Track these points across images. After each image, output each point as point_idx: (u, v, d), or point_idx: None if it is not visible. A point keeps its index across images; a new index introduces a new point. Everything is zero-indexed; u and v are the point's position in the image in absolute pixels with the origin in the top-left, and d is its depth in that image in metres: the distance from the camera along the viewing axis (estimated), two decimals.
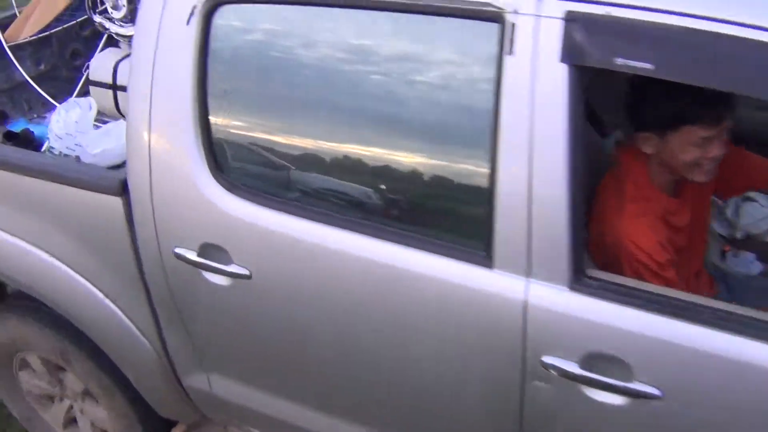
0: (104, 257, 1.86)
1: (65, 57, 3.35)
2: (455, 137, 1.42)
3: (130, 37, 2.84)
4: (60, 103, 3.10)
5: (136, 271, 1.81)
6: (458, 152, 1.43)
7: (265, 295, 1.65)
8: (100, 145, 2.18)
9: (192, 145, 1.61)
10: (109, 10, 2.80)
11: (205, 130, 1.61)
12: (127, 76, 2.83)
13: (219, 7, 1.55)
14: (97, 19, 2.86)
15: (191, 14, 1.56)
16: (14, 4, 3.07)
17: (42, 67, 3.21)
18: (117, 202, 1.75)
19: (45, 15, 2.81)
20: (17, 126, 2.80)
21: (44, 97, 3.04)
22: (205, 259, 1.66)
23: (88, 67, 3.05)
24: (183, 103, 1.59)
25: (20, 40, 2.91)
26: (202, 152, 1.61)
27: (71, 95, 3.11)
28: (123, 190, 1.74)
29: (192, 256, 1.67)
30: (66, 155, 2.26)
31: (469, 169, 1.42)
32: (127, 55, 2.90)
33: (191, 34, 1.56)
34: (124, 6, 2.76)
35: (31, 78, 3.18)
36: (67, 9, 2.93)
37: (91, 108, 2.37)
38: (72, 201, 1.82)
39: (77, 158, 2.25)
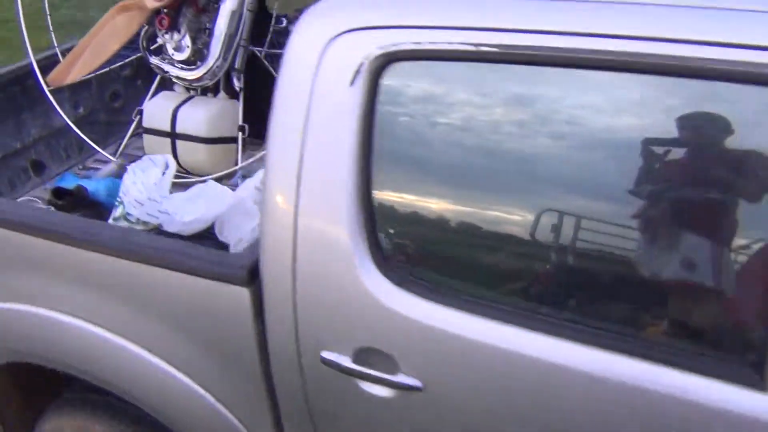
0: (219, 356, 1.55)
1: (104, 99, 3.05)
2: (718, 227, 1.15)
3: (192, 81, 2.56)
4: (103, 149, 2.80)
5: (260, 373, 1.51)
6: (723, 241, 1.15)
7: (441, 411, 1.35)
8: (190, 213, 1.88)
9: (352, 228, 1.32)
10: (170, 51, 2.51)
11: (368, 210, 1.32)
12: (188, 123, 2.57)
13: (391, 64, 1.27)
14: (154, 60, 2.58)
15: (357, 72, 1.28)
16: (55, 43, 2.77)
17: (81, 110, 2.91)
18: (243, 293, 1.45)
19: (95, 59, 2.51)
20: (66, 181, 2.48)
21: (87, 143, 2.74)
22: (364, 366, 1.36)
23: (139, 113, 2.77)
24: (342, 176, 1.31)
25: (65, 84, 2.60)
26: (365, 236, 1.33)
27: (120, 142, 2.82)
28: (251, 278, 1.44)
29: (346, 362, 1.37)
30: (145, 222, 1.96)
31: (740, 263, 1.14)
32: (187, 99, 2.62)
33: (355, 95, 1.28)
34: (188, 47, 2.49)
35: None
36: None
37: (168, 167, 2.06)
38: (182, 290, 1.52)
39: (159, 227, 1.96)
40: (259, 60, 2.66)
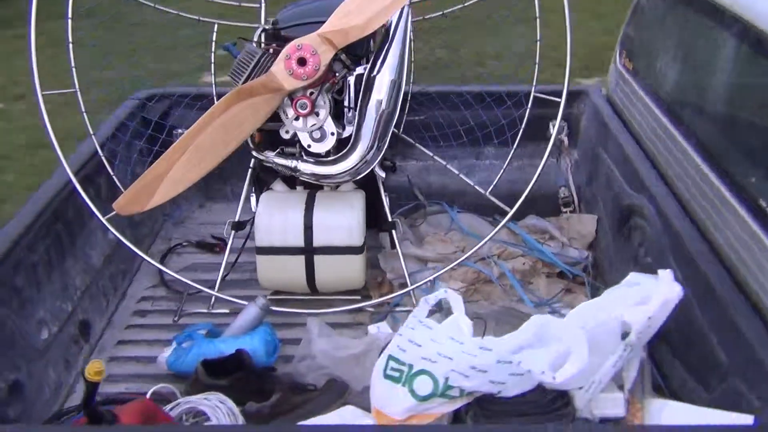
0: None
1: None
2: None
3: (331, 177, 1.94)
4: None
5: None
6: None
7: None
8: (554, 365, 1.36)
9: None
10: (306, 142, 1.88)
11: None
12: (332, 231, 1.94)
13: None
14: (270, 157, 1.91)
15: None
16: (100, 151, 1.93)
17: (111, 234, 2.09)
18: None
19: (194, 170, 1.81)
20: (202, 346, 1.75)
21: (193, 285, 1.97)
22: None
23: (237, 227, 2.06)
24: None
25: (145, 210, 1.82)
26: None
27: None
28: None
29: None
30: (470, 393, 1.39)
31: None
32: (311, 201, 1.99)
33: None
34: (332, 135, 1.88)
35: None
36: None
37: (454, 306, 1.49)
38: None
39: (497, 394, 1.40)
40: None
